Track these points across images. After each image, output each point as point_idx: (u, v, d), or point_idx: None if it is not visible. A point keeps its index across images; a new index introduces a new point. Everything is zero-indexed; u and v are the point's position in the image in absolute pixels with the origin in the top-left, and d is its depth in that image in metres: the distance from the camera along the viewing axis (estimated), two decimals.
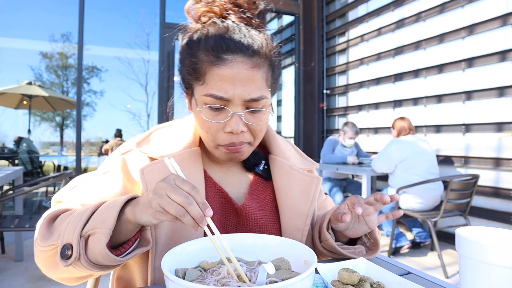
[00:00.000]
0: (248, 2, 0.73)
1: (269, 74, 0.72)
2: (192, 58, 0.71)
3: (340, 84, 5.27)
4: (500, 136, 3.10)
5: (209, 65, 0.68)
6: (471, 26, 3.31)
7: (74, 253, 0.57)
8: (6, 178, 2.67)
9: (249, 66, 0.68)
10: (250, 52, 0.68)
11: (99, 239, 0.57)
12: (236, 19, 0.72)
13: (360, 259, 0.67)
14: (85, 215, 0.60)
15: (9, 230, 2.44)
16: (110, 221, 0.58)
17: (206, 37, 0.70)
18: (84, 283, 0.79)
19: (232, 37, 0.68)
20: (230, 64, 0.67)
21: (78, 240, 0.58)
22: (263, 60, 0.70)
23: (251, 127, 0.72)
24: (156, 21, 5.25)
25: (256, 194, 0.84)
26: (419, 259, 3.09)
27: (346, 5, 5.07)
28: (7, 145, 5.86)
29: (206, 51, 0.69)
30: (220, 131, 0.71)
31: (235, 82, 0.67)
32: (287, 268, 0.59)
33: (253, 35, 0.70)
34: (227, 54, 0.67)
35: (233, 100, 0.68)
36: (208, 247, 0.63)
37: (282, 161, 0.85)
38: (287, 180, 0.83)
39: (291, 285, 0.44)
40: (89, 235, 0.58)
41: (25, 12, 5.49)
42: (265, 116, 0.73)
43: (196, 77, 0.71)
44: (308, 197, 0.82)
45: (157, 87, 5.20)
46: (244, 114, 0.70)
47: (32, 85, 5.43)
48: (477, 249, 0.50)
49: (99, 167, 0.82)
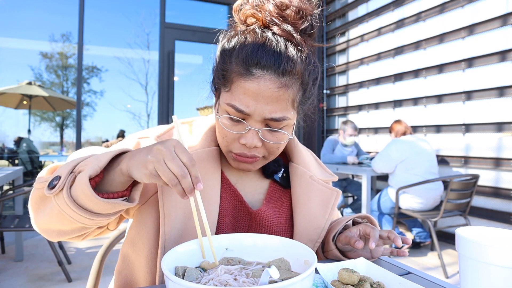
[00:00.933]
0: (295, 15, 0.69)
1: (298, 94, 0.70)
2: (223, 64, 0.70)
3: (340, 84, 5.27)
4: (500, 136, 3.10)
5: (237, 75, 0.67)
6: (471, 26, 3.31)
7: (59, 183, 0.57)
8: (6, 178, 2.67)
9: (277, 86, 0.65)
10: (281, 71, 0.65)
11: (85, 172, 0.57)
12: (278, 31, 0.68)
13: (360, 259, 0.67)
14: (82, 156, 0.62)
15: (9, 230, 2.44)
16: (102, 160, 0.59)
17: (241, 46, 0.68)
18: (84, 283, 0.79)
19: (265, 52, 0.65)
20: (257, 80, 0.65)
21: (68, 174, 0.58)
22: (293, 81, 0.67)
23: (267, 144, 0.71)
24: (156, 21, 5.25)
25: (273, 201, 0.83)
26: (419, 259, 3.09)
27: (346, 5, 5.07)
28: (7, 145, 5.86)
29: (237, 60, 0.67)
30: (236, 140, 0.71)
31: (258, 99, 0.66)
32: (287, 268, 0.59)
33: (289, 53, 0.66)
34: (257, 69, 0.65)
35: (253, 116, 0.67)
36: (209, 247, 0.63)
37: (303, 171, 0.84)
38: (307, 190, 0.82)
39: (291, 285, 0.44)
40: (80, 171, 0.58)
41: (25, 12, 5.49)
42: (284, 137, 0.72)
43: (224, 83, 0.70)
44: (326, 210, 0.81)
45: (157, 87, 5.20)
46: (262, 131, 0.69)
47: (32, 85, 5.43)
48: (477, 249, 0.50)
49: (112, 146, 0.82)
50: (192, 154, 0.56)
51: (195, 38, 5.27)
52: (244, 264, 0.61)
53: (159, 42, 5.14)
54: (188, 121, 0.86)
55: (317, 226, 0.79)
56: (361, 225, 0.76)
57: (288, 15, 0.68)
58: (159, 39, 5.15)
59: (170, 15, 5.25)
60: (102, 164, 0.58)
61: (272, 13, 0.68)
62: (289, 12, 0.68)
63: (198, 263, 0.61)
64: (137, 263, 0.76)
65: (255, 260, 0.64)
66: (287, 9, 0.68)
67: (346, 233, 0.76)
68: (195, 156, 0.75)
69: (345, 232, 0.77)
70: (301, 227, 0.79)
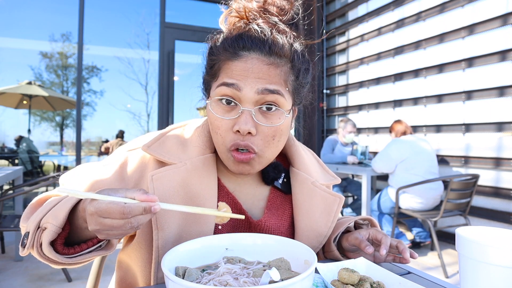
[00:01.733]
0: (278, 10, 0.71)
1: (289, 76, 0.69)
2: (211, 56, 0.71)
3: (340, 84, 5.26)
4: (500, 136, 3.10)
5: (224, 60, 0.67)
6: (471, 26, 3.31)
7: (27, 243, 0.58)
8: (6, 178, 2.67)
9: (265, 63, 0.65)
10: (267, 49, 0.65)
11: (46, 234, 0.56)
12: (263, 23, 0.69)
13: (360, 259, 0.67)
14: (49, 206, 0.61)
15: (9, 230, 2.44)
16: (60, 217, 0.57)
17: (227, 36, 0.69)
18: (84, 283, 0.80)
19: (250, 36, 0.66)
20: (244, 59, 0.65)
21: (35, 230, 0.58)
22: (282, 61, 0.67)
23: (262, 129, 0.67)
24: (156, 21, 5.25)
25: (275, 209, 0.80)
26: (419, 259, 3.09)
27: (346, 5, 5.06)
28: (7, 145, 5.86)
29: (224, 49, 0.68)
30: (229, 130, 0.67)
31: (248, 74, 0.65)
32: (287, 268, 0.59)
33: (275, 36, 0.67)
34: (243, 51, 0.66)
35: (245, 92, 0.64)
36: (209, 247, 0.63)
37: (305, 177, 0.80)
38: (308, 197, 0.79)
39: (291, 285, 0.44)
40: (45, 227, 0.57)
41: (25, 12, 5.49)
42: (279, 120, 0.68)
43: (213, 74, 0.70)
44: (329, 218, 0.79)
45: (157, 87, 5.20)
46: (256, 111, 0.66)
47: (32, 85, 5.42)
48: (477, 249, 0.50)
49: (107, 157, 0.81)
50: (111, 199, 0.51)
51: (195, 38, 5.26)
52: (245, 263, 0.61)
53: (159, 42, 5.14)
54: (181, 125, 0.83)
55: (319, 234, 0.78)
56: (372, 230, 0.76)
57: (269, 9, 0.71)
58: (159, 39, 5.14)
59: (170, 15, 5.25)
60: (60, 224, 0.57)
61: (255, 9, 0.71)
62: (272, 8, 0.72)
63: (199, 263, 0.61)
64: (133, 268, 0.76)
65: (255, 260, 0.64)
66: (270, 6, 0.72)
67: (356, 234, 0.76)
68: (191, 164, 0.72)
69: (354, 233, 0.77)
70: (303, 235, 0.78)
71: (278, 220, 0.79)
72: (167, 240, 0.68)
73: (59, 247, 0.58)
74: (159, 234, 0.67)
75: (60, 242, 0.59)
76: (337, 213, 0.80)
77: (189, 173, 0.71)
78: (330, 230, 0.79)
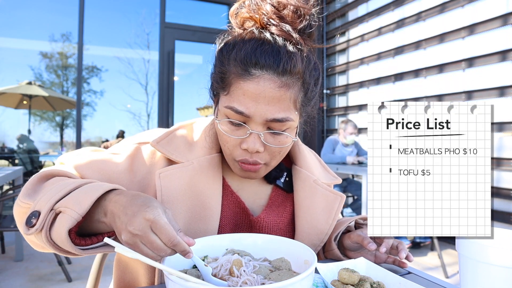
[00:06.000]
0: (293, 15, 0.67)
1: (299, 95, 0.67)
2: (221, 67, 0.68)
3: (340, 84, 5.27)
4: (501, 136, 3.10)
5: (235, 77, 0.65)
6: (471, 26, 3.31)
7: (37, 224, 0.53)
8: (6, 178, 2.67)
9: (277, 85, 0.63)
10: (280, 70, 0.63)
11: (65, 220, 0.52)
12: (276, 31, 0.66)
13: (360, 259, 0.67)
14: (67, 188, 0.57)
15: (9, 230, 2.44)
16: (84, 205, 0.53)
17: (239, 47, 0.66)
18: (84, 283, 0.79)
19: (264, 52, 0.63)
20: (256, 80, 0.63)
21: (48, 212, 0.54)
22: (294, 80, 0.65)
23: (269, 148, 0.68)
24: (156, 21, 5.25)
25: (276, 206, 0.81)
26: (419, 259, 3.09)
27: (346, 5, 5.07)
28: (7, 145, 5.86)
29: (235, 62, 0.65)
30: (237, 146, 0.68)
31: (259, 99, 0.63)
32: (288, 268, 0.59)
33: (289, 52, 0.64)
34: (255, 69, 0.63)
35: (254, 118, 0.64)
36: (210, 247, 0.63)
37: (307, 174, 0.81)
38: (310, 195, 0.80)
39: (291, 285, 0.44)
40: (60, 211, 0.54)
41: (25, 12, 5.49)
42: (287, 140, 0.68)
43: (222, 86, 0.68)
44: (330, 215, 0.79)
45: (157, 87, 5.20)
46: (264, 134, 0.66)
47: (32, 85, 5.42)
48: (477, 249, 0.50)
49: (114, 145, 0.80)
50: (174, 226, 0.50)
51: (195, 38, 5.27)
52: (253, 259, 0.61)
53: (159, 42, 5.14)
54: (188, 123, 0.83)
55: (319, 232, 0.78)
56: None
57: (285, 15, 0.67)
58: (159, 39, 5.15)
59: (170, 15, 5.25)
60: (82, 212, 0.53)
61: (269, 13, 0.67)
62: (287, 12, 0.67)
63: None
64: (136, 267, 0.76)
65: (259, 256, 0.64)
66: (285, 9, 0.67)
67: (358, 232, 0.76)
68: (197, 164, 0.73)
69: (357, 231, 0.77)
70: (303, 232, 0.78)
71: (278, 217, 0.80)
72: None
73: (73, 236, 0.54)
74: None
75: (74, 230, 0.55)
76: (338, 211, 0.81)
77: (196, 172, 0.72)
78: (331, 228, 0.79)
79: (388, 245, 0.71)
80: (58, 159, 0.77)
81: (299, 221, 0.79)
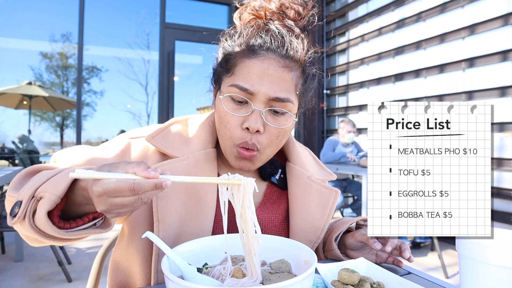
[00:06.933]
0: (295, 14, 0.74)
1: (299, 81, 0.72)
2: (226, 51, 0.72)
3: (340, 84, 5.27)
4: (501, 136, 3.10)
5: (241, 56, 0.69)
6: (472, 26, 3.31)
7: (19, 212, 0.53)
8: (6, 178, 2.67)
9: (281, 65, 0.68)
10: (284, 52, 0.69)
11: (43, 203, 0.52)
12: (280, 24, 0.72)
13: (360, 259, 0.67)
14: (47, 175, 0.56)
15: (9, 230, 2.44)
16: (61, 187, 0.53)
17: (246, 32, 0.71)
18: (84, 283, 0.79)
19: (269, 35, 0.69)
20: (261, 58, 0.68)
21: (29, 199, 0.54)
22: (296, 65, 0.71)
23: (269, 129, 0.70)
24: (156, 21, 5.26)
25: (270, 203, 0.82)
26: (419, 259, 3.09)
27: (346, 5, 5.07)
28: (7, 145, 5.86)
29: (241, 44, 0.70)
30: (238, 127, 0.69)
31: (263, 77, 0.67)
32: (288, 270, 0.59)
33: (292, 40, 0.70)
34: (261, 50, 0.68)
35: (257, 95, 0.67)
36: (209, 247, 0.63)
37: (300, 171, 0.82)
38: (304, 191, 0.80)
39: (291, 286, 0.44)
40: (41, 197, 0.53)
41: (25, 12, 5.49)
42: (287, 122, 0.71)
43: (226, 68, 0.71)
44: (325, 211, 0.80)
45: (157, 87, 5.20)
46: (265, 112, 0.69)
47: (32, 85, 5.42)
48: (477, 249, 0.50)
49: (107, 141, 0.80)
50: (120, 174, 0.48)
51: (195, 38, 5.27)
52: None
53: (159, 42, 5.14)
54: (183, 119, 0.83)
55: (315, 228, 0.78)
56: None
57: (287, 12, 0.74)
58: (159, 39, 5.15)
59: (170, 15, 5.26)
60: (60, 193, 0.52)
61: (273, 11, 0.73)
62: (289, 11, 0.74)
63: (199, 264, 0.61)
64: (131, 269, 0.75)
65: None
66: (287, 9, 0.74)
67: (362, 231, 0.76)
68: (192, 159, 0.73)
69: (361, 230, 0.77)
70: (299, 228, 0.78)
71: (272, 214, 0.80)
72: (168, 233, 0.68)
73: (55, 219, 0.54)
74: (159, 226, 0.67)
75: (57, 214, 0.54)
76: (333, 207, 0.81)
77: (191, 167, 0.72)
78: (327, 224, 0.80)
79: (393, 244, 0.72)
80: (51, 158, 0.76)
81: (294, 218, 0.79)
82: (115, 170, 0.48)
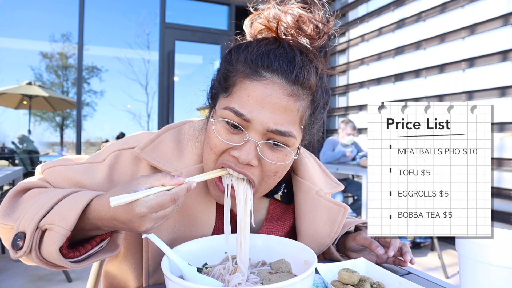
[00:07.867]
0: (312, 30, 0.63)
1: (307, 112, 0.62)
2: (228, 66, 0.62)
3: (340, 84, 5.27)
4: (501, 136, 3.10)
5: (242, 76, 0.59)
6: (472, 26, 3.31)
7: (24, 246, 0.51)
8: (6, 178, 2.67)
9: (287, 93, 0.57)
10: (293, 77, 0.58)
11: (53, 238, 0.50)
12: (294, 42, 0.62)
13: (360, 259, 0.67)
14: (49, 203, 0.54)
15: None
16: (70, 219, 0.51)
17: (252, 47, 0.60)
18: (84, 283, 0.79)
19: (278, 55, 0.58)
20: (265, 83, 0.57)
21: (33, 232, 0.51)
22: (305, 94, 0.60)
23: (264, 164, 0.60)
24: (156, 21, 5.25)
25: (275, 220, 0.78)
26: (419, 259, 3.09)
27: (346, 5, 5.07)
28: (7, 145, 5.86)
29: (245, 62, 0.59)
30: (226, 152, 0.61)
31: (264, 104, 0.56)
32: (288, 270, 0.59)
33: (304, 63, 0.59)
34: (266, 71, 0.58)
35: (254, 124, 0.57)
36: (209, 248, 0.63)
37: (309, 186, 0.76)
38: (313, 208, 0.75)
39: (291, 285, 0.44)
40: (47, 229, 0.52)
41: (25, 12, 5.49)
42: (286, 158, 0.61)
43: (224, 87, 0.62)
44: (333, 229, 0.76)
45: (157, 87, 5.20)
46: (262, 145, 0.59)
47: (32, 85, 5.42)
48: (477, 249, 0.50)
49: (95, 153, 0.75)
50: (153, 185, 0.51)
51: (195, 38, 5.27)
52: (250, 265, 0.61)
53: (159, 42, 5.14)
54: (177, 126, 0.76)
55: (320, 244, 0.76)
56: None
57: (305, 29, 0.63)
58: (159, 39, 5.15)
59: (170, 15, 5.25)
60: (70, 227, 0.51)
61: (288, 24, 0.63)
62: (307, 26, 0.64)
63: (199, 264, 0.61)
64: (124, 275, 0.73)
65: (257, 260, 0.64)
66: (305, 23, 0.64)
67: (364, 234, 0.75)
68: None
69: (362, 233, 0.76)
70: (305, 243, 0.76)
71: (279, 232, 0.78)
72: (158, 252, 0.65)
73: (65, 251, 0.53)
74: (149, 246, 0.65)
75: (65, 245, 0.53)
76: (341, 224, 0.77)
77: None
78: (333, 240, 0.77)
79: (395, 248, 0.71)
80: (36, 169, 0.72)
81: (301, 236, 0.76)
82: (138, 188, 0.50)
